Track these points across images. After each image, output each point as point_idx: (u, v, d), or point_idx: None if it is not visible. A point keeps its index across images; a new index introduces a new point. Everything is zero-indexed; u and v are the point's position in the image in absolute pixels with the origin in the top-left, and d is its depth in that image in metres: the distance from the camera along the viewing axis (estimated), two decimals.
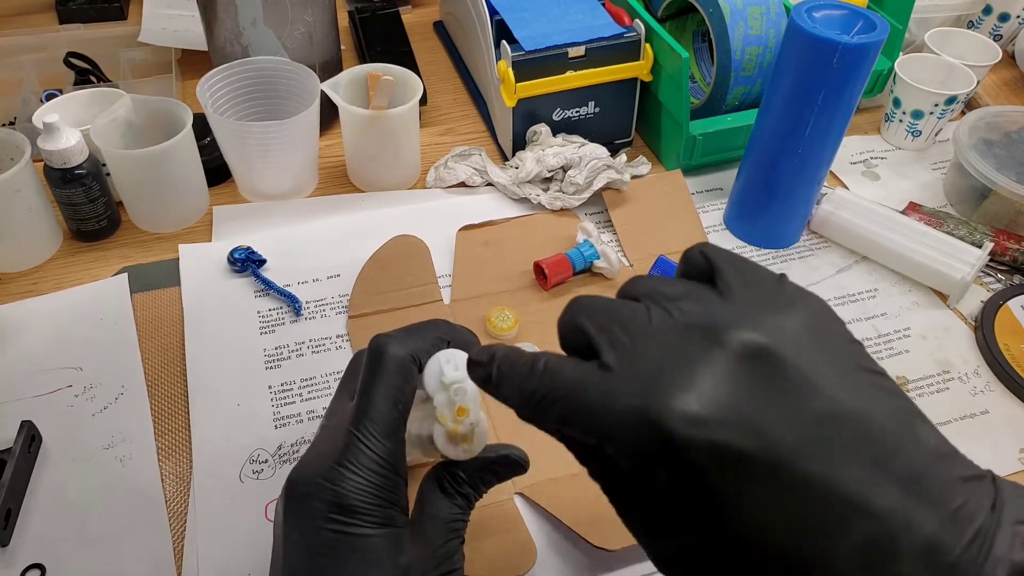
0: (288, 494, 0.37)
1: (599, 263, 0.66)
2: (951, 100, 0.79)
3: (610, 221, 0.73)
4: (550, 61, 0.72)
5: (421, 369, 0.39)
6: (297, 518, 0.36)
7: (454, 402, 0.38)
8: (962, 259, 0.67)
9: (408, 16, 1.02)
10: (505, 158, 0.80)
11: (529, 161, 0.73)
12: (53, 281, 0.66)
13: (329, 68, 0.79)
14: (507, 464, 0.41)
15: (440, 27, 1.00)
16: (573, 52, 0.72)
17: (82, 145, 0.64)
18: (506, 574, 0.48)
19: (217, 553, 0.49)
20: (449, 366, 0.39)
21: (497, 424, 0.56)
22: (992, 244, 0.69)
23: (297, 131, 0.69)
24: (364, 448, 0.36)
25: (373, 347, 0.39)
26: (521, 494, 0.53)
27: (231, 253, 0.66)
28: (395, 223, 0.70)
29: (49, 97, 0.76)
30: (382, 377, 0.38)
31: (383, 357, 0.38)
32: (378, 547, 0.35)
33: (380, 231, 0.69)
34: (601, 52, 0.73)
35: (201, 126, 0.71)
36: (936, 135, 0.84)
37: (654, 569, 0.49)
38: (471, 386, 0.38)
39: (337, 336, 0.62)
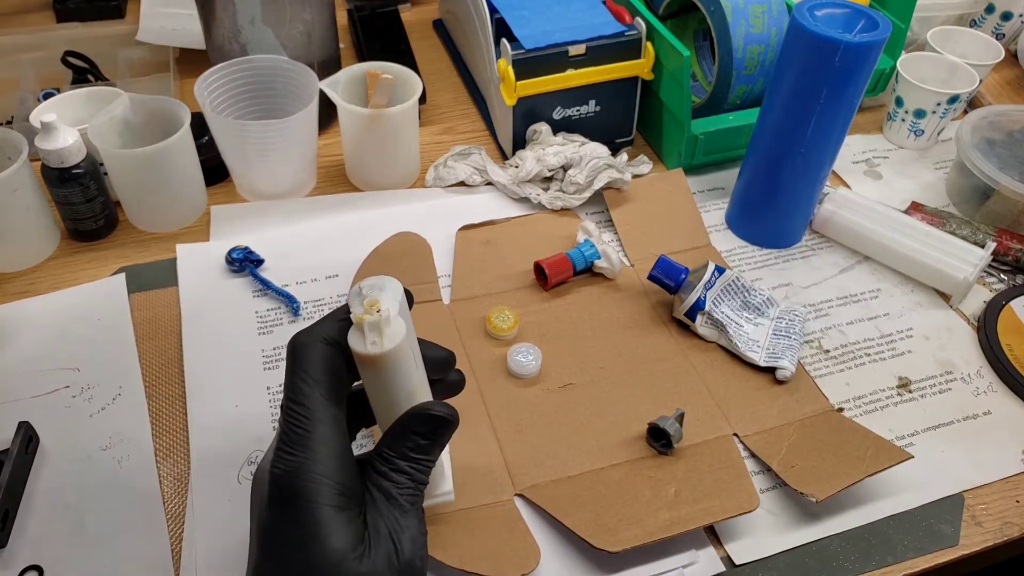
0: (251, 491, 0.39)
1: (600, 263, 0.66)
2: (953, 99, 0.79)
3: (611, 221, 0.73)
4: (550, 59, 0.72)
5: (343, 346, 0.39)
6: (253, 510, 0.38)
7: (364, 296, 0.38)
8: (965, 259, 0.67)
9: (407, 14, 1.01)
10: (505, 157, 0.79)
11: (529, 160, 0.72)
12: (50, 281, 0.66)
13: (328, 67, 0.78)
14: (425, 420, 0.40)
15: (439, 25, 1.00)
16: (573, 50, 0.72)
17: (79, 144, 0.64)
18: (510, 571, 0.47)
19: (215, 554, 0.49)
20: (371, 279, 0.39)
21: (493, 418, 0.56)
22: (995, 244, 0.69)
23: (295, 130, 0.69)
24: (295, 429, 0.37)
25: (288, 344, 0.40)
26: (521, 495, 0.52)
27: (229, 253, 0.66)
28: (394, 223, 0.70)
29: (47, 96, 0.75)
30: (296, 364, 0.39)
31: (293, 347, 0.40)
32: (315, 527, 0.36)
33: (379, 231, 0.69)
34: (602, 50, 0.73)
35: (199, 125, 0.70)
36: (938, 134, 0.83)
37: (656, 571, 0.49)
38: (393, 293, 0.39)
39: None
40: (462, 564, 0.47)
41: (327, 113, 0.77)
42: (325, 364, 0.39)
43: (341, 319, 0.40)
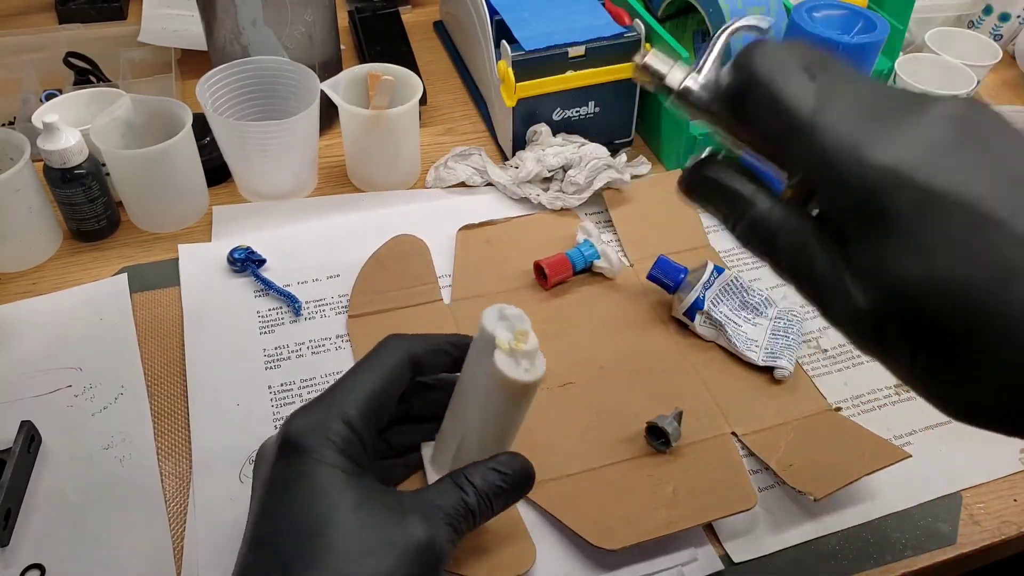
0: (257, 457, 0.40)
1: (599, 263, 0.66)
2: None
3: (610, 221, 0.73)
4: (550, 61, 0.72)
5: (419, 365, 0.42)
6: (258, 471, 0.38)
7: (514, 326, 0.40)
8: None
9: (408, 16, 1.01)
10: (505, 158, 0.80)
11: (529, 161, 0.73)
12: (53, 281, 0.66)
13: (329, 68, 0.79)
14: (518, 469, 0.41)
15: (440, 27, 1.00)
16: (573, 52, 0.72)
17: (82, 145, 0.64)
18: (505, 573, 0.48)
19: (217, 552, 0.49)
20: (508, 307, 0.41)
21: None
22: None
23: (297, 131, 0.69)
24: (331, 398, 0.39)
25: (382, 340, 0.42)
26: None
27: (231, 253, 0.66)
28: (395, 223, 0.70)
29: (49, 97, 0.76)
30: (373, 352, 0.41)
31: (382, 345, 0.42)
32: (326, 482, 0.36)
33: (380, 231, 0.69)
34: (601, 52, 0.73)
35: (201, 126, 0.70)
36: None
37: (654, 569, 0.50)
38: (531, 328, 0.40)
39: (337, 336, 0.62)
40: (457, 568, 0.47)
41: (328, 114, 0.77)
42: (395, 370, 0.41)
43: (435, 346, 0.42)
